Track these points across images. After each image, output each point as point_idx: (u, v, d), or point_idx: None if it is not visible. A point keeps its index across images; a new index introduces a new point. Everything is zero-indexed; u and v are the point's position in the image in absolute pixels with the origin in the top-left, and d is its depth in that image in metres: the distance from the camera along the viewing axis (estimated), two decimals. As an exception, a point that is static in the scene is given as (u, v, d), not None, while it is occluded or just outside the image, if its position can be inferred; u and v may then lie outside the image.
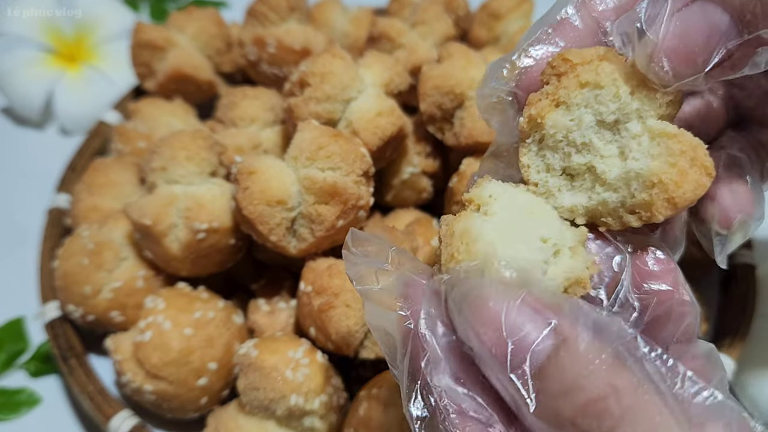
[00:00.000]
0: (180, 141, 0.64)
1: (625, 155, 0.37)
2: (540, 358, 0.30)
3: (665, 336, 0.37)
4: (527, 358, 0.31)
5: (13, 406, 0.70)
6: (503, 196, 0.37)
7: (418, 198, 0.75)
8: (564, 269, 0.35)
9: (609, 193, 0.37)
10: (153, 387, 0.60)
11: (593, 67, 0.37)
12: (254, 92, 0.77)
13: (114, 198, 0.75)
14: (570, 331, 0.30)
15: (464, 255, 0.34)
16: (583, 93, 0.37)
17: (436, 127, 0.70)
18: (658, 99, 0.37)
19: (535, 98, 0.39)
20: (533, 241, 0.35)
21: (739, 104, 0.50)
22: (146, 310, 0.62)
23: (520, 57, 0.41)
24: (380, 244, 0.39)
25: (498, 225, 0.36)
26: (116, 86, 1.00)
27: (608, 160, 0.37)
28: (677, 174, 0.35)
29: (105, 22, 1.05)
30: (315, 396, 0.56)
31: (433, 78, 0.66)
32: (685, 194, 0.35)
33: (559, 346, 0.30)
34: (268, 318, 0.65)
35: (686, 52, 0.35)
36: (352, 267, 0.38)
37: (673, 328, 0.37)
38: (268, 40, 0.79)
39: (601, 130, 0.38)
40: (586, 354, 0.30)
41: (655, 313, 0.37)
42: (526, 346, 0.31)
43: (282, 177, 0.59)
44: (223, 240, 0.63)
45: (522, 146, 0.40)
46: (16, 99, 0.98)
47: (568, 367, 0.30)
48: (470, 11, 0.97)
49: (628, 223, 0.37)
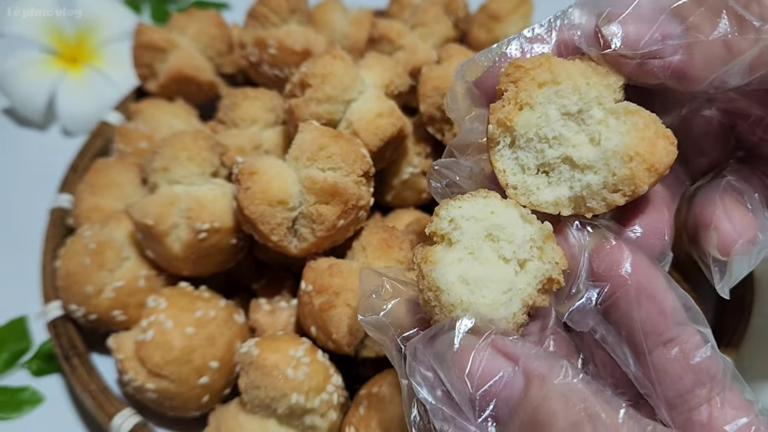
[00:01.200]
0: (181, 141, 0.64)
1: (596, 140, 0.39)
2: (509, 399, 0.34)
3: (631, 322, 0.38)
4: (492, 404, 0.34)
5: (16, 405, 0.70)
6: (463, 220, 0.39)
7: (417, 198, 0.75)
8: (534, 273, 0.38)
9: (591, 176, 0.39)
10: (155, 385, 0.60)
11: (546, 67, 0.40)
12: (255, 93, 0.77)
13: (116, 198, 0.75)
14: (534, 371, 0.33)
15: (436, 306, 0.38)
16: (543, 91, 0.40)
17: (436, 127, 0.70)
18: (612, 84, 0.40)
19: (497, 106, 0.41)
20: (495, 267, 0.38)
21: (742, 138, 0.50)
22: (148, 309, 0.62)
23: (480, 57, 0.44)
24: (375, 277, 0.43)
25: (461, 256, 0.38)
26: (118, 87, 1.00)
27: (581, 147, 0.40)
28: (649, 144, 0.38)
29: (106, 24, 1.05)
30: (316, 394, 0.56)
31: (433, 79, 0.67)
32: (661, 160, 0.38)
33: (527, 386, 0.33)
34: (270, 317, 0.66)
35: (634, 17, 0.38)
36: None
37: (640, 314, 0.37)
38: (269, 41, 0.80)
39: (567, 122, 0.40)
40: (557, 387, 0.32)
41: (610, 298, 0.38)
42: (492, 393, 0.34)
43: (283, 177, 0.59)
44: (225, 240, 0.64)
45: (493, 153, 0.42)
46: (19, 100, 0.98)
47: (538, 402, 0.33)
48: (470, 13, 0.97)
49: (613, 203, 0.39)
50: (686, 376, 0.36)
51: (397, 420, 0.55)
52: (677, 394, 0.37)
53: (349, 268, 0.59)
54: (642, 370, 0.37)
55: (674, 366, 0.36)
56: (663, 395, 0.37)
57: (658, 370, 0.37)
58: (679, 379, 0.36)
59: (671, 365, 0.36)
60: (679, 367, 0.36)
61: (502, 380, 0.34)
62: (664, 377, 0.37)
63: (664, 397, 0.37)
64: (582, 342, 0.41)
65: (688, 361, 0.36)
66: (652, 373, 0.37)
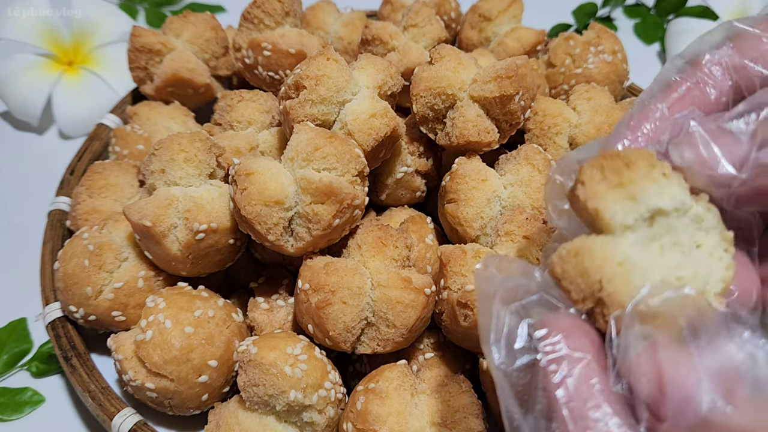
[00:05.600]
0: (178, 143, 0.65)
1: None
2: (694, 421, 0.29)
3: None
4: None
5: (17, 406, 0.70)
6: None
7: (411, 197, 0.76)
8: (719, 278, 0.36)
9: None
10: (155, 385, 0.60)
11: None
12: (251, 95, 0.78)
13: (114, 200, 0.76)
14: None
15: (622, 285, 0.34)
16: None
17: (429, 127, 0.71)
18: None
19: None
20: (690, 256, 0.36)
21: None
22: (147, 309, 0.62)
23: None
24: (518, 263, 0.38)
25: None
26: (114, 90, 1.01)
27: None
28: None
29: (102, 27, 1.05)
30: (313, 391, 0.57)
31: (425, 80, 0.67)
32: None
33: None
34: (267, 315, 0.66)
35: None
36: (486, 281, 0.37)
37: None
38: (263, 43, 0.80)
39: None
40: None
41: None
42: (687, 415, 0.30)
43: (279, 178, 0.60)
44: (222, 240, 0.64)
45: None
46: (16, 104, 0.99)
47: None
48: (461, 14, 0.98)
49: None
50: None
51: (395, 415, 0.55)
52: None
53: (345, 266, 0.60)
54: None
55: None
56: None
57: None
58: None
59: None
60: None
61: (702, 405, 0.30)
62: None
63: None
64: None
65: None
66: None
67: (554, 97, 0.86)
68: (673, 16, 1.26)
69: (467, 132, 0.66)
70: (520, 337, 0.34)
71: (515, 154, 0.68)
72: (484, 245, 0.64)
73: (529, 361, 0.34)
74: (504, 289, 0.36)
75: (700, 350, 0.31)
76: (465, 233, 0.65)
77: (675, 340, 0.32)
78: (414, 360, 0.66)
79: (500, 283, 0.36)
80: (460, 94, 0.67)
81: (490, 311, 0.35)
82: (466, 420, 0.56)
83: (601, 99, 0.75)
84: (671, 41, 1.18)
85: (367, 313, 0.59)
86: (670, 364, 0.31)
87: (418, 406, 0.57)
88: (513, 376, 0.34)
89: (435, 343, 0.67)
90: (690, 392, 0.30)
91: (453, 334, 0.63)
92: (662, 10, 1.28)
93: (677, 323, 0.32)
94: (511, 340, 0.34)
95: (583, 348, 0.33)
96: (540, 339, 0.34)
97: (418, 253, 0.68)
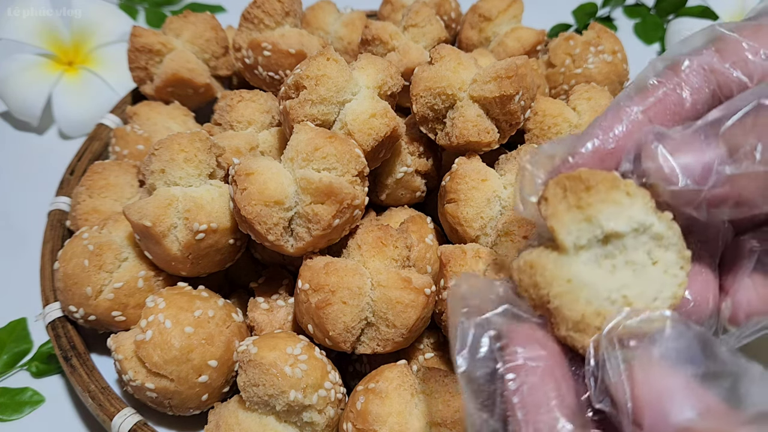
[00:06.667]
0: (178, 143, 0.65)
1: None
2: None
3: None
4: None
5: (17, 406, 0.70)
6: None
7: (411, 197, 0.76)
8: (669, 294, 0.38)
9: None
10: (155, 385, 0.60)
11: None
12: (250, 95, 0.78)
13: (114, 200, 0.76)
14: None
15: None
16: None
17: (429, 127, 0.71)
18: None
19: None
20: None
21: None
22: (147, 309, 0.62)
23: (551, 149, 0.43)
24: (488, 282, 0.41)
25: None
26: (114, 90, 1.01)
27: None
28: None
29: (102, 27, 1.05)
30: (313, 391, 0.57)
31: (425, 80, 0.68)
32: None
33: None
34: (267, 315, 0.66)
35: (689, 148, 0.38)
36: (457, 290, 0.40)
37: None
38: (263, 43, 0.80)
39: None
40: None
41: None
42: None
43: (279, 178, 0.60)
44: (222, 240, 0.64)
45: None
46: (16, 104, 0.99)
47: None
48: (461, 14, 0.98)
49: None
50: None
51: (395, 415, 0.55)
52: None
53: (344, 266, 0.60)
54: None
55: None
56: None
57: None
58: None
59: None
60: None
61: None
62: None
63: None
64: None
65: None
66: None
67: (554, 97, 0.86)
68: (673, 16, 1.26)
69: (467, 132, 0.66)
70: (483, 347, 0.38)
71: (515, 154, 0.68)
72: (484, 245, 0.64)
73: (489, 370, 0.37)
74: (471, 304, 0.39)
75: (673, 365, 0.33)
76: (465, 233, 0.65)
77: (649, 357, 0.34)
78: (414, 360, 0.66)
79: (469, 298, 0.39)
80: (460, 94, 0.67)
81: (457, 324, 0.39)
82: (466, 420, 0.56)
83: (601, 99, 0.75)
84: (671, 41, 1.18)
85: (367, 313, 0.60)
86: (644, 379, 0.33)
87: (418, 406, 0.57)
88: (476, 383, 0.37)
89: (435, 343, 0.67)
90: (664, 403, 0.32)
91: (453, 334, 0.63)
92: (662, 10, 1.28)
93: (651, 342, 0.35)
94: (474, 350, 0.38)
95: (538, 358, 0.36)
96: (500, 349, 0.37)
97: (418, 253, 0.68)
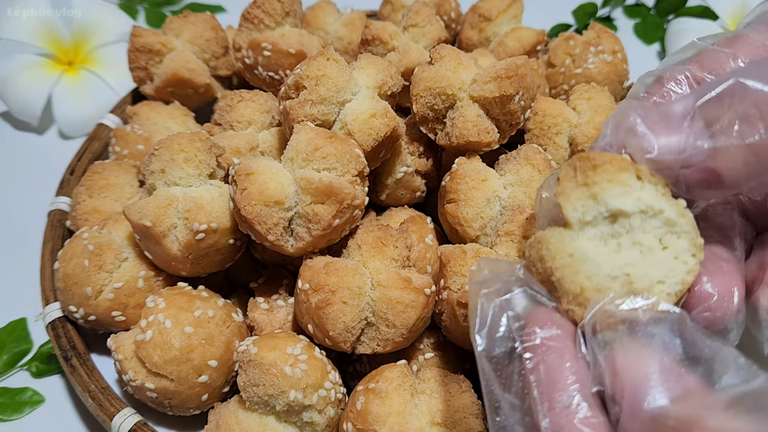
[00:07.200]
0: (178, 143, 0.65)
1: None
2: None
3: None
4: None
5: (17, 406, 0.70)
6: None
7: (411, 197, 0.76)
8: (678, 279, 0.39)
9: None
10: (155, 385, 0.60)
11: None
12: (251, 95, 0.78)
13: (114, 200, 0.76)
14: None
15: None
16: None
17: (429, 127, 0.71)
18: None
19: None
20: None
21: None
22: (147, 309, 0.62)
23: None
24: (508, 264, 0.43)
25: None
26: (114, 90, 1.01)
27: None
28: None
29: (102, 27, 1.05)
30: (313, 391, 0.57)
31: (425, 80, 0.68)
32: None
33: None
34: (267, 315, 0.66)
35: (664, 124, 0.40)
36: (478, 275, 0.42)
37: None
38: (263, 44, 0.80)
39: None
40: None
41: None
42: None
43: (279, 178, 0.60)
44: (222, 240, 0.64)
45: None
46: (16, 104, 0.99)
47: None
48: (461, 14, 0.98)
49: None
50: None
51: (395, 415, 0.55)
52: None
53: (344, 266, 0.60)
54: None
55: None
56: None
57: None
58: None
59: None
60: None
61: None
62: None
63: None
64: None
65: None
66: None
67: (554, 97, 0.86)
68: (673, 16, 1.26)
69: (467, 132, 0.66)
70: (502, 327, 0.39)
71: (515, 154, 0.68)
72: (484, 245, 0.64)
73: (508, 349, 0.39)
74: (491, 286, 0.41)
75: (653, 349, 0.35)
76: (465, 233, 0.65)
77: (629, 341, 0.36)
78: (414, 360, 0.66)
79: (489, 281, 0.41)
80: (460, 94, 0.67)
81: (477, 305, 0.40)
82: (466, 420, 0.56)
83: (601, 99, 0.75)
84: (671, 41, 1.18)
85: (367, 313, 0.60)
86: (623, 363, 0.35)
87: (418, 406, 0.57)
88: (494, 361, 0.39)
89: (435, 343, 0.67)
90: (640, 388, 0.33)
91: (453, 334, 0.63)
92: (662, 10, 1.28)
93: (632, 326, 0.36)
94: (493, 330, 0.39)
95: (555, 338, 0.38)
96: (518, 329, 0.39)
97: (418, 253, 0.68)
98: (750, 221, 0.46)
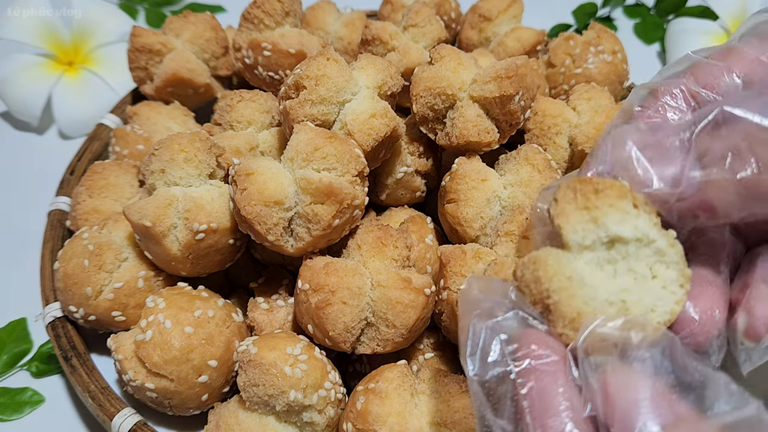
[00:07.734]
0: (178, 143, 0.65)
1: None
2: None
3: None
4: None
5: (17, 406, 0.70)
6: None
7: (411, 197, 0.76)
8: (666, 309, 0.39)
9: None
10: (155, 385, 0.60)
11: None
12: (250, 95, 0.78)
13: (114, 200, 0.76)
14: None
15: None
16: None
17: (429, 127, 0.71)
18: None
19: None
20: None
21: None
22: (147, 309, 0.62)
23: None
24: (500, 284, 0.42)
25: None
26: (114, 90, 1.01)
27: None
28: None
29: (102, 27, 1.05)
30: (313, 391, 0.57)
31: (425, 80, 0.68)
32: None
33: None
34: (267, 316, 0.66)
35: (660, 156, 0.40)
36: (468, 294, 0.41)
37: None
38: (263, 44, 0.80)
39: None
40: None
41: None
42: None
43: (279, 178, 0.60)
44: (222, 240, 0.64)
45: None
46: (16, 103, 0.99)
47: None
48: (461, 14, 0.98)
49: None
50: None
51: (395, 415, 0.55)
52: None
53: (344, 266, 0.60)
54: None
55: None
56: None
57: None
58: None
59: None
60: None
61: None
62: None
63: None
64: None
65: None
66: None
67: (554, 97, 0.86)
68: (673, 16, 1.26)
69: (467, 132, 0.66)
70: (494, 351, 0.38)
71: (515, 154, 0.68)
72: (483, 245, 0.64)
73: (500, 373, 0.38)
74: (482, 307, 0.40)
75: (645, 374, 0.35)
76: (465, 233, 0.65)
77: (621, 365, 0.35)
78: (414, 360, 0.66)
79: (480, 302, 0.40)
80: (460, 94, 0.67)
81: (468, 327, 0.39)
82: (466, 420, 0.56)
83: (601, 99, 0.75)
84: (671, 41, 1.18)
85: (367, 313, 0.60)
86: (614, 388, 0.34)
87: (418, 406, 0.57)
88: (486, 386, 0.38)
89: (435, 343, 0.67)
90: (631, 415, 0.33)
91: (453, 334, 0.63)
92: (662, 10, 1.28)
93: (623, 350, 0.36)
94: (485, 353, 0.38)
95: (549, 363, 0.37)
96: (511, 353, 0.38)
97: (418, 253, 0.68)
98: (740, 236, 0.46)
